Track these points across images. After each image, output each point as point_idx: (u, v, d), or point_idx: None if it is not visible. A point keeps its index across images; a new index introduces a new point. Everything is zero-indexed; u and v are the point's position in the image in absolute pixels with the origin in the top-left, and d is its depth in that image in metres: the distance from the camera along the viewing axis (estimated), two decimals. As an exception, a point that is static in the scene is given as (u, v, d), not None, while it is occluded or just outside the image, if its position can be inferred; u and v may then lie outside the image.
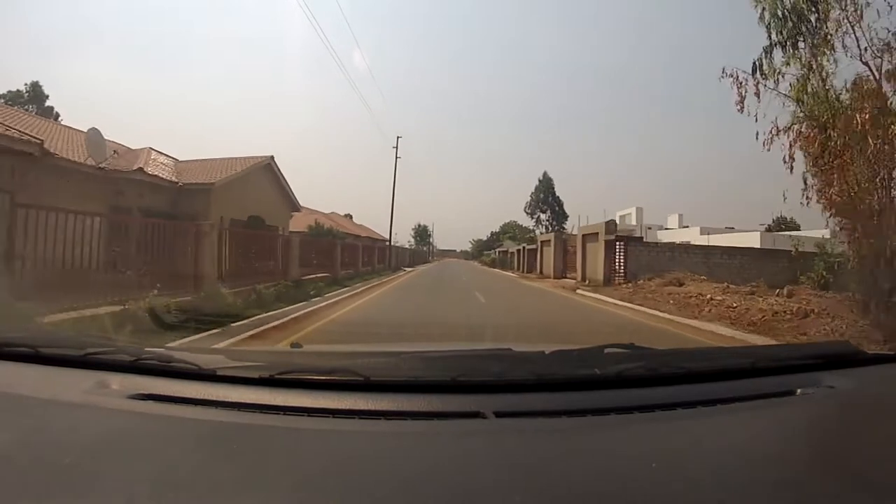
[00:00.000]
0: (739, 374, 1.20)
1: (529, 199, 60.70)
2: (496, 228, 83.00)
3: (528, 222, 63.21)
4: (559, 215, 58.88)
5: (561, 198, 60.77)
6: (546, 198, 59.97)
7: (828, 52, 6.91)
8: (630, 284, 14.80)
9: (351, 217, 50.68)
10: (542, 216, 59.78)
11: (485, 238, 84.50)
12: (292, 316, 8.11)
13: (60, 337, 1.46)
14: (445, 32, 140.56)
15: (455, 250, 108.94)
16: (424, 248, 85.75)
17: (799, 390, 1.11)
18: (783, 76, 7.34)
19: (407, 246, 67.80)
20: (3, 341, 1.23)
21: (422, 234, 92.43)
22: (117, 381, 1.06)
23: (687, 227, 44.23)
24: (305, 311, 8.88)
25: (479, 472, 0.76)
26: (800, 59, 7.19)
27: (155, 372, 1.11)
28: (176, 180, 14.00)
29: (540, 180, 61.10)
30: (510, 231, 66.19)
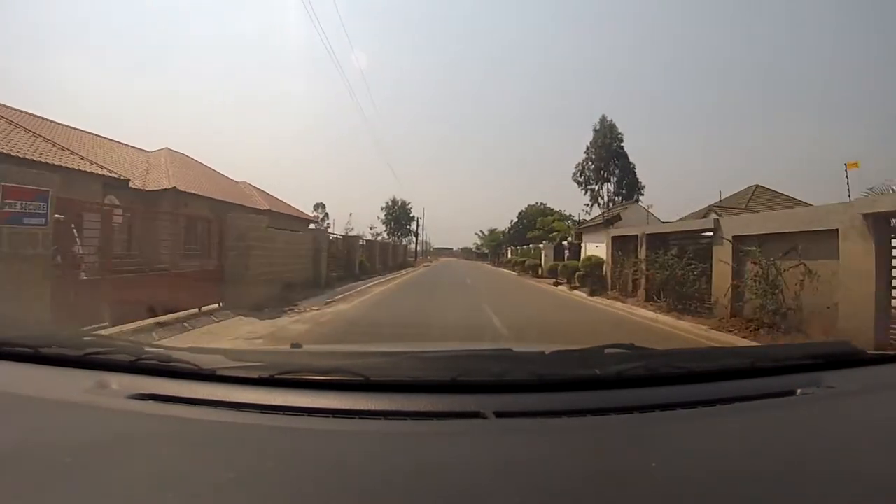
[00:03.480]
0: (739, 374, 1.20)
1: (584, 156, 37.02)
2: (495, 224, 61.52)
3: (565, 204, 41.80)
4: (631, 186, 36.53)
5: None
6: (609, 159, 36.40)
7: None
8: None
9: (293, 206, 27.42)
10: (600, 187, 36.54)
11: (505, 227, 56.83)
12: None
13: (60, 337, 1.46)
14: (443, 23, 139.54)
15: (452, 248, 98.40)
16: (406, 242, 52.99)
17: (799, 390, 1.11)
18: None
19: (371, 236, 39.94)
20: (3, 341, 1.23)
21: (399, 217, 56.74)
22: (117, 381, 1.06)
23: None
24: None
25: (479, 473, 0.76)
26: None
27: (155, 372, 1.11)
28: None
29: (596, 130, 36.57)
30: (550, 213, 41.37)
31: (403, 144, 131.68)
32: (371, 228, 51.21)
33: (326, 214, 47.96)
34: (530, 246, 34.51)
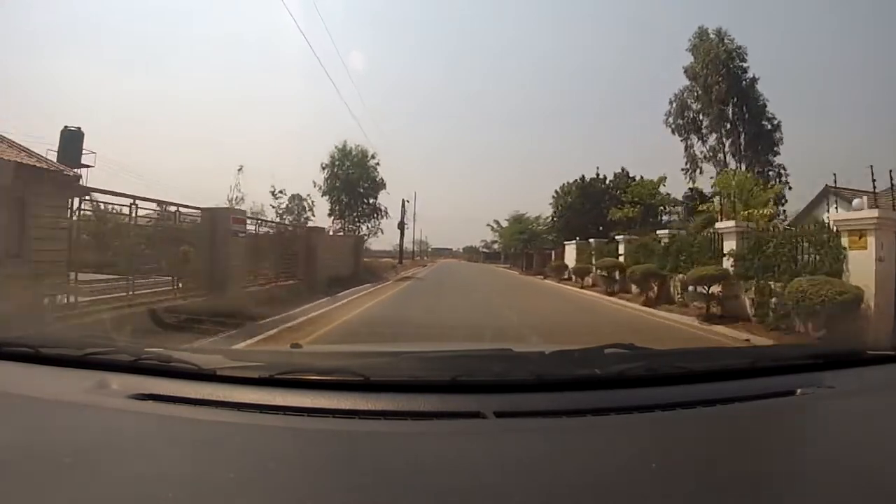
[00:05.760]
0: (739, 374, 1.20)
1: (684, 86, 23.43)
2: (516, 211, 35.45)
3: (640, 168, 25.95)
4: (759, 136, 22.35)
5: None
6: (728, 89, 22.13)
7: None
8: None
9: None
10: (723, 132, 23.04)
11: (544, 214, 31.74)
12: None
13: (61, 337, 1.47)
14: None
15: (451, 248, 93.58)
16: (371, 229, 24.31)
17: (799, 390, 1.11)
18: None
19: (277, 216, 17.85)
20: (4, 341, 1.23)
21: (352, 180, 22.28)
22: (117, 381, 1.07)
23: None
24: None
25: (479, 472, 0.76)
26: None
27: (155, 372, 1.11)
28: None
29: (695, 47, 23.61)
30: (632, 180, 24.14)
31: (401, 144, 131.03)
32: (276, 195, 19.87)
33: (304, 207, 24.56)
34: (672, 231, 13.01)
